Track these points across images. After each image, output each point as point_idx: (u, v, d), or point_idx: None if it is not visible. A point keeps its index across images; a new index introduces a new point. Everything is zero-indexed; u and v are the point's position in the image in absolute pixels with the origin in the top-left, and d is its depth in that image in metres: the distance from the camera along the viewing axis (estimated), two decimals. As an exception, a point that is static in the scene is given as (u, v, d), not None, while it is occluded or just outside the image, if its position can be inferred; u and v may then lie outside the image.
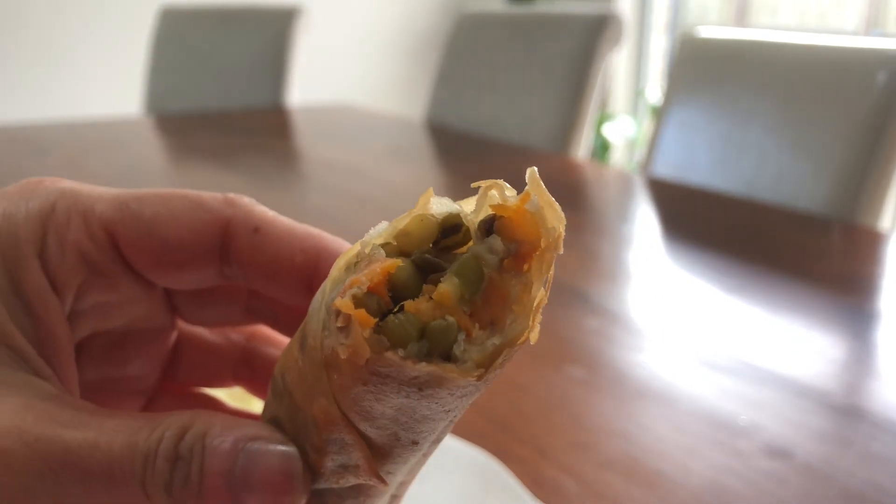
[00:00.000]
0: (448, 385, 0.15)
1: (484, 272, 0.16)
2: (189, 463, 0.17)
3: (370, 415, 0.16)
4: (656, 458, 0.47)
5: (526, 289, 0.16)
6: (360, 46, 3.28)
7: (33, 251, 0.19)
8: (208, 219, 0.20)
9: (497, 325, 0.16)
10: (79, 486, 0.16)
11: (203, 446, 0.17)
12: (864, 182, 1.09)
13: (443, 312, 0.15)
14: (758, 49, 1.27)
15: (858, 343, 0.63)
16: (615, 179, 1.32)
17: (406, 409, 0.16)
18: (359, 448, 0.16)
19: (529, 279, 0.16)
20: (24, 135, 1.55)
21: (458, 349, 0.15)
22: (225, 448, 0.17)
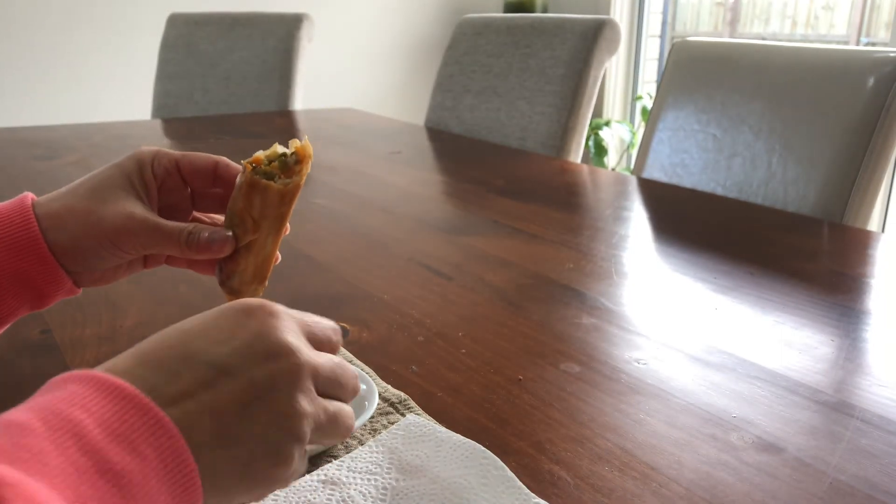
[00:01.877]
0: (271, 189, 0.42)
1: (288, 162, 0.42)
2: (196, 235, 0.44)
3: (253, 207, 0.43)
4: (650, 452, 0.48)
5: (303, 168, 0.43)
6: (363, 53, 3.30)
7: (148, 162, 0.46)
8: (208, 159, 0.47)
9: (292, 176, 0.42)
10: (156, 235, 0.44)
11: (198, 232, 0.44)
12: (852, 184, 1.11)
13: (272, 170, 0.42)
14: (748, 54, 1.29)
15: (848, 341, 0.65)
16: (610, 182, 1.33)
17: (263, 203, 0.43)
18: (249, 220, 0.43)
19: (303, 166, 0.43)
20: (34, 137, 1.56)
21: (276, 180, 0.42)
22: (204, 235, 0.44)
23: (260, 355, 0.31)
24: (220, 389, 0.30)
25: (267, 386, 0.31)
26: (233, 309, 0.32)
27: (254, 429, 0.30)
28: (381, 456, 0.46)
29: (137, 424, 0.27)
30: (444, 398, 0.54)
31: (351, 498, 0.43)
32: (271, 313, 0.33)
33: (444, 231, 0.96)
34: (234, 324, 0.32)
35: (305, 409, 0.31)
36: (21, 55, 2.62)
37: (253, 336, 0.31)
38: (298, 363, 0.32)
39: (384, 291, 0.75)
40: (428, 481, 0.44)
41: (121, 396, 0.28)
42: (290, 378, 0.31)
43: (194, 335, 0.31)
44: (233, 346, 0.31)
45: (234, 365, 0.30)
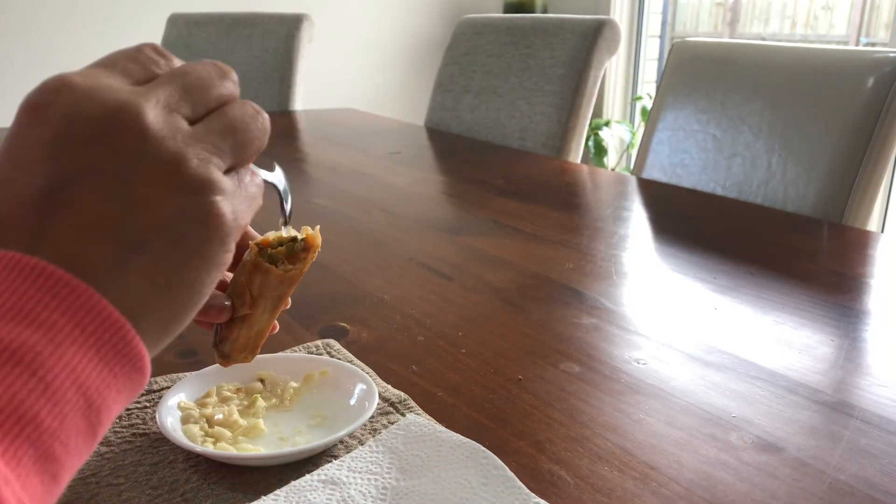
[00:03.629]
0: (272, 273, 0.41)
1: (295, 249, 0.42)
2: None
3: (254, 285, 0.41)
4: (649, 451, 0.48)
5: (308, 256, 0.42)
6: (363, 53, 3.30)
7: None
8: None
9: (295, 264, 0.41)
10: None
11: None
12: (852, 184, 1.11)
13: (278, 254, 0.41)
14: (748, 54, 1.29)
15: (848, 341, 0.65)
16: (610, 182, 1.33)
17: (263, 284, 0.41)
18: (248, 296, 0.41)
19: (309, 254, 0.42)
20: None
21: (280, 266, 0.41)
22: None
23: (84, 140, 0.25)
24: (77, 204, 0.24)
25: (119, 162, 0.25)
26: (21, 112, 0.26)
27: (146, 211, 0.25)
28: (381, 456, 0.46)
29: (24, 287, 0.22)
30: (444, 398, 0.54)
31: (351, 498, 0.43)
32: (59, 88, 0.26)
33: (444, 231, 0.96)
34: (31, 127, 0.25)
35: (183, 150, 0.26)
36: (21, 55, 2.62)
37: (60, 126, 0.25)
38: (130, 112, 0.25)
39: (384, 291, 0.75)
40: (428, 481, 0.44)
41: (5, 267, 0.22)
42: (136, 134, 0.25)
43: (5, 166, 0.25)
44: (49, 152, 0.24)
45: (68, 171, 0.24)
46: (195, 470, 0.45)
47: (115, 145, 0.25)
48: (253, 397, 0.52)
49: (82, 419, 0.22)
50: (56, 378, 0.21)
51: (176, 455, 0.46)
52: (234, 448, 0.46)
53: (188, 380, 0.52)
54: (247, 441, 0.48)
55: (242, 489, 0.44)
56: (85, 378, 0.22)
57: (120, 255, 0.24)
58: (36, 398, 0.21)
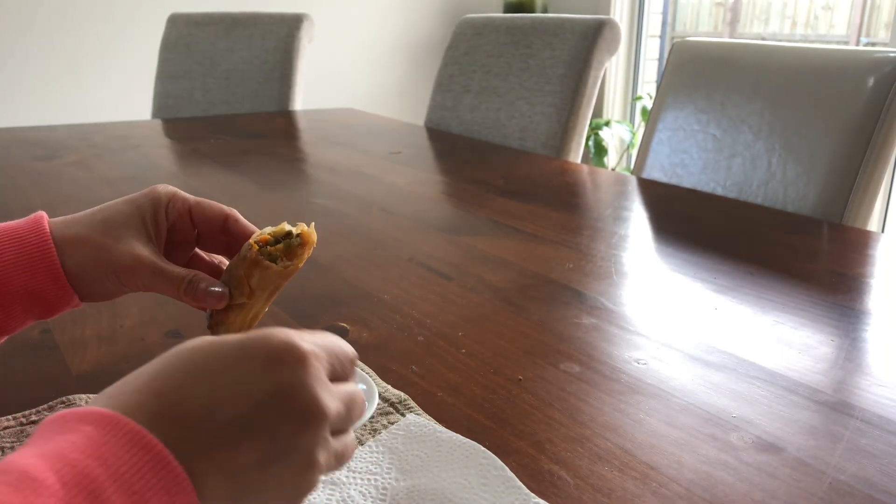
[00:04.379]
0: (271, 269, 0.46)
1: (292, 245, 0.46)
2: (195, 285, 0.46)
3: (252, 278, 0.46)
4: (650, 451, 0.48)
5: (304, 252, 0.46)
6: (363, 53, 3.30)
7: (163, 204, 0.48)
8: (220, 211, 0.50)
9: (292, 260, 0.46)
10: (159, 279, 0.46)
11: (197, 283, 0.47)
12: (852, 184, 1.11)
13: (276, 252, 0.46)
14: (748, 54, 1.29)
15: (848, 341, 0.65)
16: (610, 182, 1.33)
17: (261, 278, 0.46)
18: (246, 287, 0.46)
19: (305, 250, 0.46)
20: (34, 137, 1.56)
21: (278, 262, 0.46)
22: (202, 286, 0.46)
23: (286, 414, 0.30)
24: (241, 450, 0.29)
25: (290, 445, 0.30)
26: (261, 352, 0.31)
27: (269, 485, 0.30)
28: (381, 456, 0.46)
29: (153, 480, 0.26)
30: (444, 398, 0.54)
31: (351, 498, 0.43)
32: (299, 360, 0.31)
33: (444, 231, 0.96)
34: (261, 372, 0.30)
35: (322, 462, 0.31)
36: (21, 55, 2.62)
37: (280, 390, 0.30)
38: (323, 419, 0.31)
39: (384, 291, 0.75)
40: (428, 481, 0.44)
41: (139, 445, 0.27)
42: (314, 436, 0.31)
43: (218, 383, 0.30)
44: (258, 400, 0.29)
45: (259, 424, 0.29)
46: (195, 470, 0.45)
47: (299, 432, 0.30)
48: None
49: None
50: None
51: (176, 455, 0.46)
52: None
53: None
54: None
55: (242, 489, 0.44)
56: None
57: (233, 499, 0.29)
58: None
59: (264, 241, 0.46)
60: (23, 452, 0.26)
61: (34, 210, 0.48)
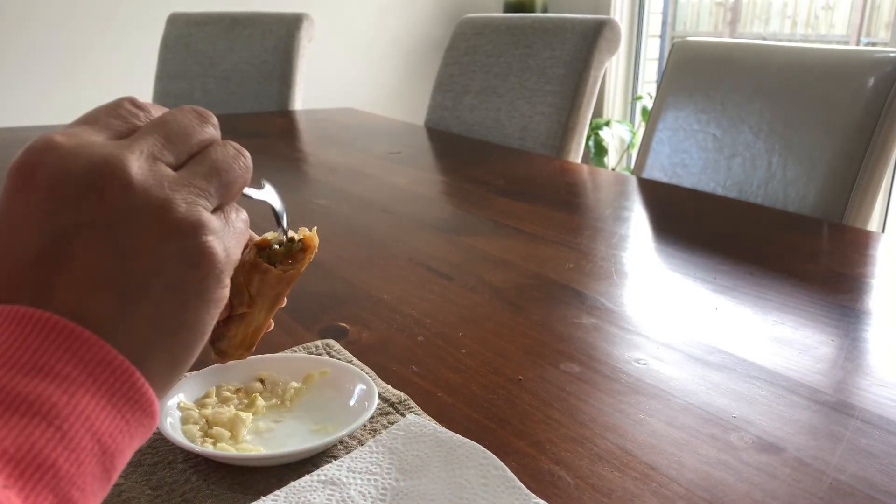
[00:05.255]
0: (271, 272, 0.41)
1: (293, 249, 0.42)
2: None
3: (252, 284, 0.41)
4: (650, 452, 0.48)
5: (306, 256, 0.42)
6: (363, 53, 3.30)
7: None
8: None
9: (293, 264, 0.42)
10: None
11: None
12: (852, 184, 1.11)
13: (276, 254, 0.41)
14: (748, 54, 1.29)
15: (848, 341, 0.65)
16: (610, 182, 1.33)
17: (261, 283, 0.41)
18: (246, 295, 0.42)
19: (307, 255, 0.43)
20: (32, 137, 1.55)
21: (278, 265, 0.41)
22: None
23: (74, 197, 0.26)
24: (74, 260, 0.25)
25: (108, 215, 0.26)
26: (11, 176, 0.27)
27: (140, 261, 0.26)
28: (381, 456, 0.46)
29: (37, 343, 0.23)
30: (444, 398, 0.54)
31: (351, 498, 0.43)
32: (45, 150, 0.27)
33: (444, 231, 0.96)
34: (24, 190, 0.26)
35: (171, 195, 0.27)
36: (21, 55, 2.62)
37: (51, 186, 0.26)
38: (114, 166, 0.26)
39: (384, 291, 0.75)
40: (428, 481, 0.44)
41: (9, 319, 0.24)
42: (122, 186, 0.26)
43: (6, 230, 0.26)
44: (44, 210, 0.25)
45: (63, 228, 0.25)
46: (195, 470, 0.45)
47: (104, 199, 0.26)
48: (252, 397, 0.51)
49: (97, 465, 0.23)
50: (72, 427, 0.23)
51: (175, 455, 0.46)
52: (234, 448, 0.46)
53: (187, 380, 0.52)
54: (247, 441, 0.48)
55: (242, 489, 0.44)
56: (99, 426, 0.23)
57: (120, 304, 0.25)
58: (54, 447, 0.22)
59: (265, 244, 0.44)
60: None
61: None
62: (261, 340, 0.44)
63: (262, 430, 0.49)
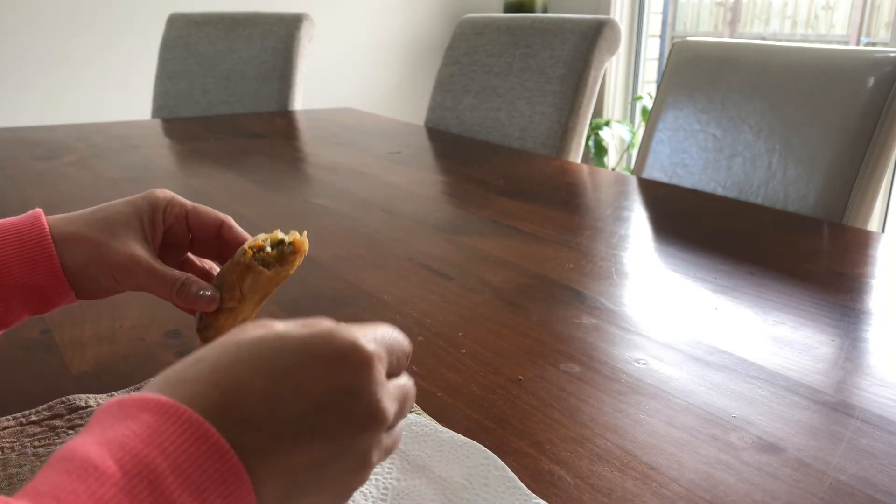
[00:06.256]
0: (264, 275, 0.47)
1: (284, 252, 0.47)
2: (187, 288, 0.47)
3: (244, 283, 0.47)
4: (650, 452, 0.48)
5: (296, 259, 0.47)
6: (363, 53, 3.30)
7: (161, 208, 0.49)
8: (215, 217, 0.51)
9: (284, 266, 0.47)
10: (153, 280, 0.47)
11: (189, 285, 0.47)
12: (852, 184, 1.11)
13: (269, 258, 0.47)
14: (748, 54, 1.29)
15: (848, 341, 0.65)
16: (610, 182, 1.33)
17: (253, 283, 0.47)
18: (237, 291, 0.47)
19: (297, 258, 0.47)
20: (34, 137, 1.56)
21: (271, 267, 0.47)
22: (194, 289, 0.47)
23: (347, 417, 0.30)
24: (299, 450, 0.28)
25: (347, 447, 0.30)
26: (325, 351, 0.30)
27: (322, 485, 0.30)
28: (381, 456, 0.46)
29: (212, 471, 0.26)
30: (444, 398, 0.54)
31: (351, 498, 0.43)
32: (364, 363, 0.30)
33: (444, 231, 0.96)
34: (324, 373, 0.30)
35: (375, 461, 0.32)
36: (21, 55, 2.62)
37: (343, 393, 0.29)
38: (381, 422, 0.31)
39: (384, 291, 0.75)
40: (429, 481, 0.44)
41: (198, 435, 0.26)
42: (369, 439, 0.30)
43: (281, 381, 0.29)
44: (320, 402, 0.29)
45: (319, 426, 0.29)
46: (195, 470, 0.45)
47: (358, 436, 0.30)
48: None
49: None
50: None
51: (176, 455, 0.46)
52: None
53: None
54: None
55: (242, 489, 0.44)
56: None
57: (287, 497, 0.29)
58: None
59: (258, 247, 0.47)
60: (83, 440, 0.26)
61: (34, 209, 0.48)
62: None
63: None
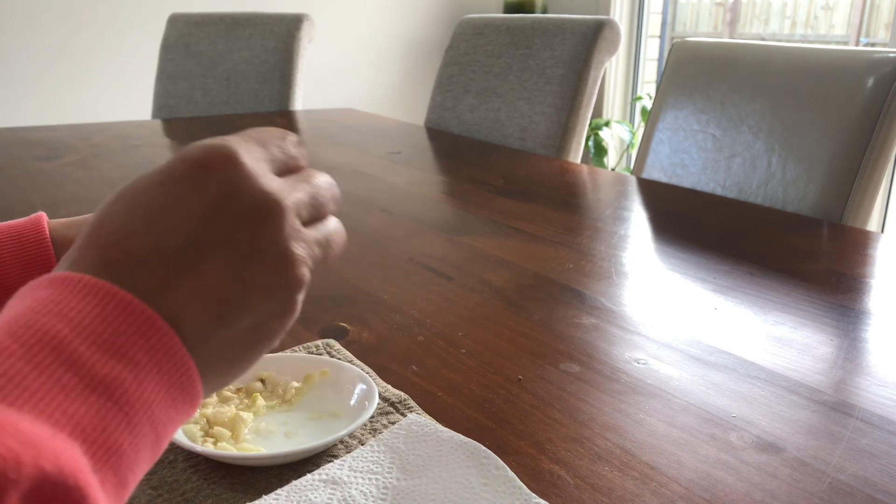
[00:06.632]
0: None
1: None
2: None
3: None
4: (649, 451, 0.48)
5: None
6: (363, 53, 3.30)
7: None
8: None
9: None
10: None
11: None
12: (852, 184, 1.11)
13: None
14: (748, 54, 1.29)
15: (848, 341, 0.65)
16: (610, 182, 1.33)
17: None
18: None
19: None
20: (35, 137, 1.56)
21: None
22: None
23: (234, 218, 0.28)
24: (203, 270, 0.27)
25: (252, 247, 0.28)
26: (185, 168, 0.28)
27: (252, 297, 0.28)
28: (382, 455, 0.46)
29: (123, 327, 0.25)
30: (444, 398, 0.54)
31: (352, 497, 0.43)
32: (228, 159, 0.28)
33: (444, 231, 0.96)
34: (194, 188, 0.28)
35: (301, 252, 0.29)
36: (21, 55, 2.62)
37: (221, 197, 0.28)
38: (278, 209, 0.28)
39: (384, 291, 0.75)
40: (429, 481, 0.44)
41: (97, 295, 0.25)
42: (275, 229, 0.28)
43: (155, 213, 0.27)
44: (201, 216, 0.27)
45: (211, 239, 0.27)
46: (195, 470, 0.45)
47: (258, 232, 0.28)
48: (253, 397, 0.52)
49: (150, 451, 0.25)
50: (137, 413, 0.24)
51: (176, 455, 0.46)
52: (234, 448, 0.46)
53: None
54: (247, 441, 0.48)
55: (242, 489, 0.44)
56: (157, 414, 0.25)
57: (213, 323, 0.27)
58: (121, 431, 0.23)
59: None
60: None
61: (34, 210, 0.48)
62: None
63: (262, 429, 0.49)
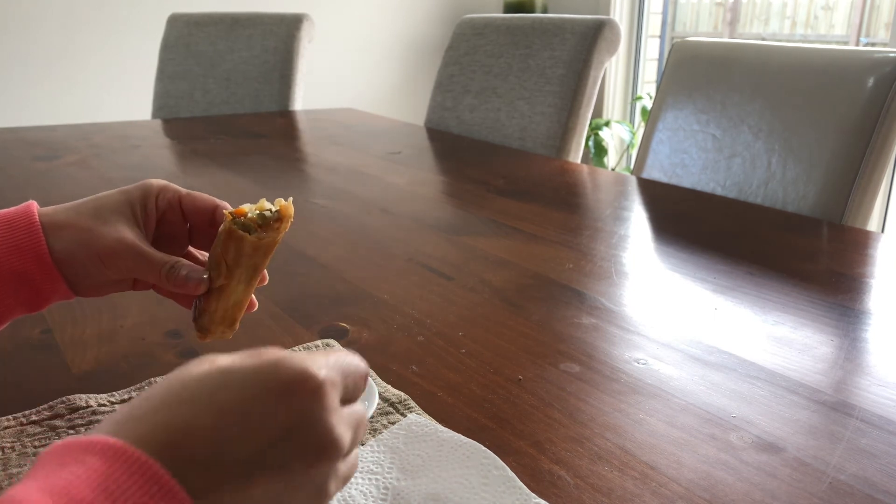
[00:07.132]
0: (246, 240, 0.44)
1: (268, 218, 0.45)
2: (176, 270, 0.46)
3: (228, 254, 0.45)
4: (649, 451, 0.48)
5: (281, 226, 0.45)
6: (363, 53, 3.30)
7: (153, 194, 0.48)
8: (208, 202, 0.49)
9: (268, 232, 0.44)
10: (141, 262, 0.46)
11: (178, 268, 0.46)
12: (852, 184, 1.11)
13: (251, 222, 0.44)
14: (748, 54, 1.29)
15: (848, 341, 0.65)
16: (610, 182, 1.33)
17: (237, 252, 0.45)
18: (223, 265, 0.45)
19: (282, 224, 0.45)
20: (35, 137, 1.56)
21: (253, 233, 0.44)
22: (183, 272, 0.46)
23: (300, 449, 0.29)
24: (253, 486, 0.28)
25: (303, 478, 0.29)
26: (273, 383, 0.29)
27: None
28: (382, 455, 0.46)
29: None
30: (444, 398, 0.54)
31: (352, 497, 0.43)
32: (314, 391, 0.30)
33: (444, 231, 0.96)
34: (274, 405, 0.29)
35: (332, 491, 0.31)
36: (22, 55, 2.62)
37: (295, 425, 0.29)
38: (335, 452, 0.30)
39: (384, 291, 0.75)
40: (429, 481, 0.44)
41: (147, 477, 0.26)
42: (326, 469, 0.30)
43: (229, 417, 0.28)
44: (271, 436, 0.28)
45: (272, 460, 0.28)
46: (195, 470, 0.45)
47: (313, 466, 0.30)
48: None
49: None
50: None
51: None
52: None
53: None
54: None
55: (243, 489, 0.44)
56: None
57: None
58: None
59: (240, 213, 0.45)
60: (25, 486, 0.25)
61: (35, 210, 0.48)
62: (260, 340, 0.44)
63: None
